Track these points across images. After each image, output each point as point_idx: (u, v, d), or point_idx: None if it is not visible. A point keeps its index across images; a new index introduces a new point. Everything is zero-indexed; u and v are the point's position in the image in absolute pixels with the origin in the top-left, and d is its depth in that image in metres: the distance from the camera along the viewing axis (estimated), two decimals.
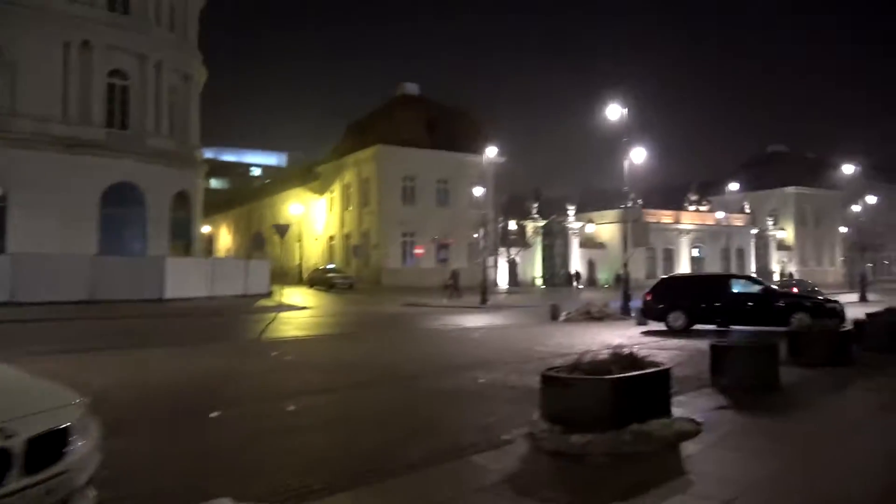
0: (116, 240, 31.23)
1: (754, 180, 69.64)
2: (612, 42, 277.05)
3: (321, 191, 53.98)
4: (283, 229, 42.92)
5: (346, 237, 49.07)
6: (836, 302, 15.07)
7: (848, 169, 37.01)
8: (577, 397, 5.36)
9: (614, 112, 23.44)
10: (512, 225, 50.65)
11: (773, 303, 15.02)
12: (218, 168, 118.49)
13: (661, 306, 16.14)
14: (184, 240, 35.76)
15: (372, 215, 45.88)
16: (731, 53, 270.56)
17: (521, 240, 51.21)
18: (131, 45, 31.90)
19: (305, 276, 46.02)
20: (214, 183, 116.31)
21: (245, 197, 79.02)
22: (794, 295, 15.74)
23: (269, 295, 34.66)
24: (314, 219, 55.11)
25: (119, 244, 31.11)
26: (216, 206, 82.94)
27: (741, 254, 61.08)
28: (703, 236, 56.67)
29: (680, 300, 15.92)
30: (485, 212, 45.09)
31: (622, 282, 24.31)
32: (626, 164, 23.51)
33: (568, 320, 20.56)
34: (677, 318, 15.71)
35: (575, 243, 53.53)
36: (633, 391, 5.48)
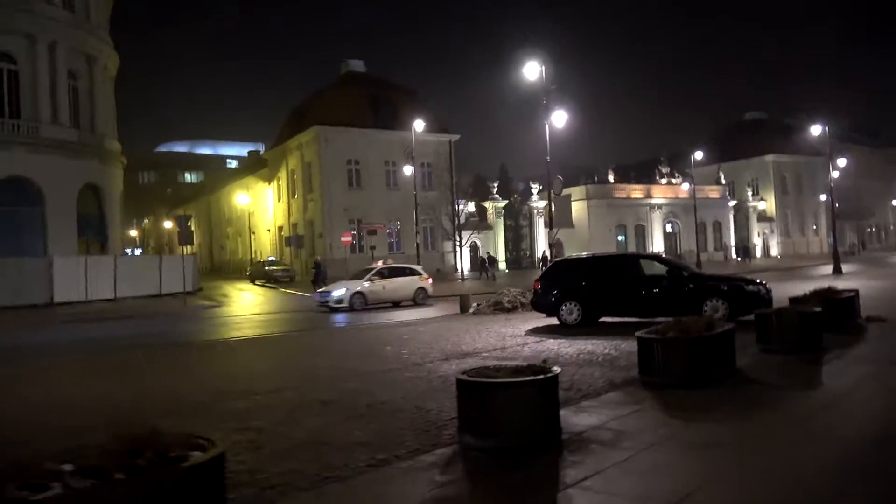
0: (13, 240, 28.33)
1: (733, 149, 66.68)
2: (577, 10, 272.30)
3: (269, 179, 51.02)
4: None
5: (294, 227, 46.16)
6: (759, 283, 12.21)
7: (816, 130, 33.97)
8: None
9: (531, 71, 20.47)
10: (471, 207, 47.86)
11: (682, 287, 12.23)
12: (192, 161, 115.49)
13: (551, 297, 13.32)
14: (98, 238, 32.93)
15: (316, 202, 42.93)
16: (702, 20, 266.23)
17: (481, 222, 48.45)
18: (17, 24, 28.80)
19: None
20: (189, 177, 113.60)
21: (210, 190, 76.08)
22: (710, 277, 12.82)
23: (194, 293, 32.03)
24: (265, 209, 52.22)
25: (16, 245, 28.20)
26: (186, 200, 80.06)
27: (718, 227, 58.20)
28: (677, 210, 53.75)
29: (573, 289, 13.09)
30: (435, 192, 42.45)
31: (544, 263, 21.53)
32: (546, 129, 20.58)
33: (477, 313, 17.87)
34: (571, 311, 12.91)
35: (540, 223, 50.62)
36: None
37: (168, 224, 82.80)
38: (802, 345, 8.30)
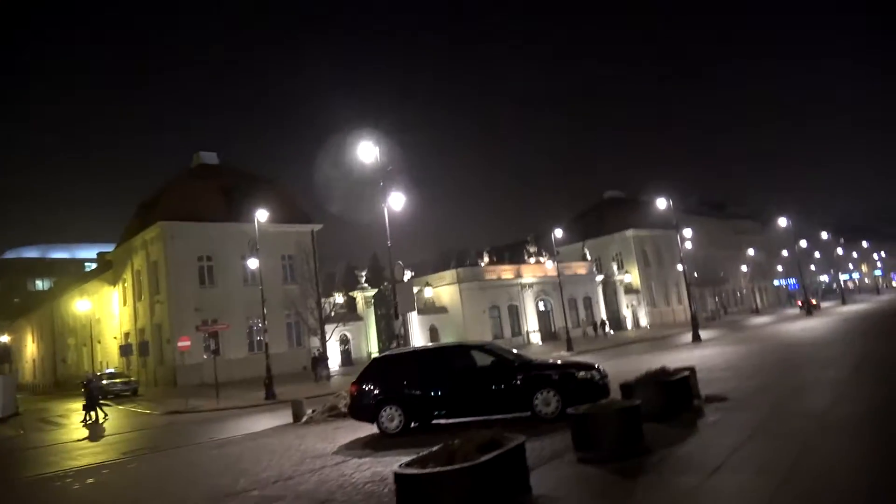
0: None
1: (598, 227, 69.53)
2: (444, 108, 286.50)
3: (114, 281, 46.51)
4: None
5: (141, 332, 41.80)
6: (594, 369, 11.00)
7: (662, 204, 35.37)
8: None
9: (367, 152, 19.37)
10: (339, 298, 45.70)
11: (511, 378, 10.81)
12: (44, 267, 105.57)
13: (370, 401, 11.49)
14: None
15: (163, 304, 39.16)
16: (559, 112, 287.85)
17: (350, 313, 46.29)
18: None
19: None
20: (40, 284, 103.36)
21: (53, 297, 68.91)
22: (539, 365, 11.47)
23: (4, 419, 27.50)
24: (111, 315, 47.30)
25: None
26: (33, 309, 71.86)
27: (589, 302, 59.30)
28: (548, 288, 54.22)
29: (393, 390, 11.37)
30: (299, 286, 40.03)
31: None
32: (385, 211, 19.35)
33: (309, 421, 15.65)
34: (392, 417, 11.12)
35: (413, 312, 49.13)
36: None
37: (3, 338, 73.94)
38: (623, 449, 6.94)
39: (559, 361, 12.48)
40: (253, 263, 32.37)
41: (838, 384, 11.46)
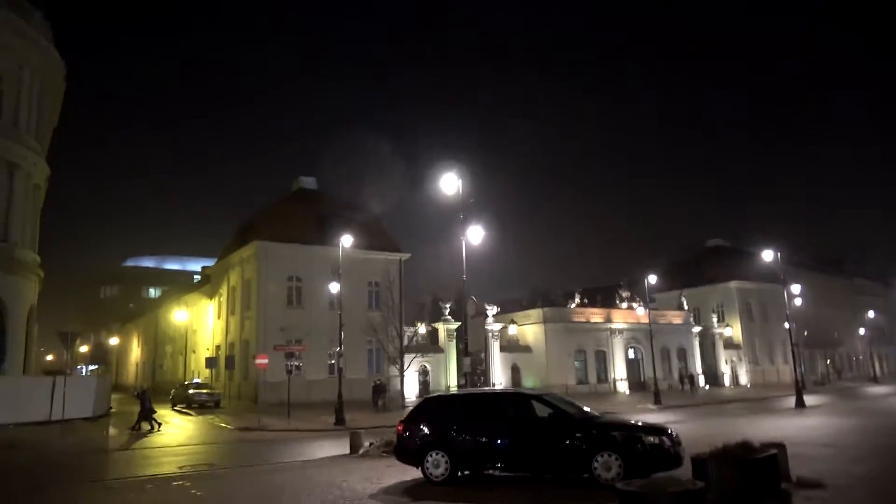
0: None
1: (698, 276, 65.94)
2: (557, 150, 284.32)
3: (211, 294, 48.55)
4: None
5: (231, 346, 43.20)
6: (665, 434, 9.78)
7: (769, 256, 32.75)
8: None
9: (449, 184, 18.95)
10: (422, 329, 45.47)
11: (568, 435, 9.79)
12: (158, 276, 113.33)
13: (416, 444, 10.77)
14: None
15: (252, 320, 40.31)
16: (668, 147, 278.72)
17: (431, 345, 45.87)
18: None
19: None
20: (153, 292, 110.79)
21: (158, 305, 73.14)
22: (603, 424, 10.24)
23: (94, 419, 28.76)
24: (206, 326, 49.32)
25: None
26: (140, 315, 76.73)
27: (683, 353, 55.94)
28: (639, 336, 51.66)
29: (441, 435, 10.59)
30: (381, 313, 40.10)
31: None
32: (462, 245, 18.77)
33: (364, 454, 15.16)
34: (437, 464, 10.34)
35: (495, 347, 48.14)
36: None
37: (114, 340, 78.99)
38: None
39: (631, 421, 11.12)
40: (335, 287, 32.56)
41: None
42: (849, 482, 9.66)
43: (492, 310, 48.94)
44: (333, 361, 42.25)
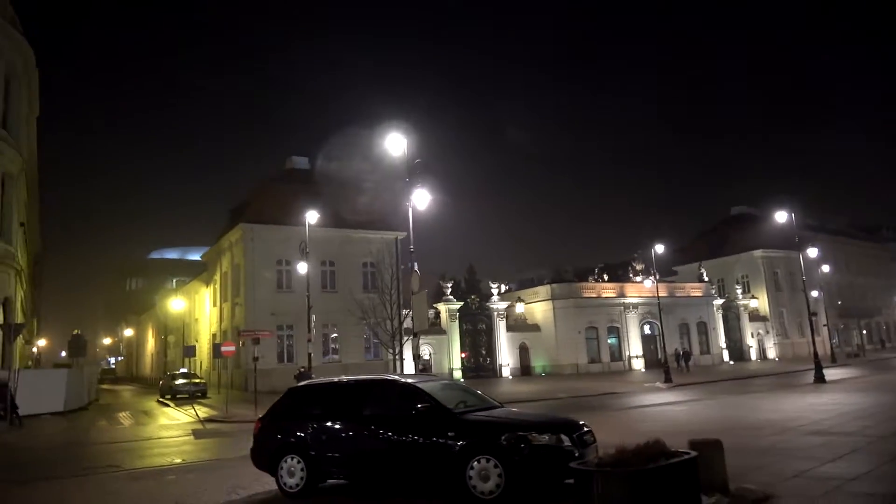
0: None
1: (721, 245, 62.62)
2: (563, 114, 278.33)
3: (208, 282, 47.37)
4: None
5: (224, 334, 41.93)
6: (569, 431, 7.51)
7: (782, 218, 29.91)
8: None
9: (395, 144, 16.85)
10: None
11: (442, 433, 7.66)
12: (180, 267, 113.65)
13: (271, 446, 8.82)
14: None
15: (242, 306, 38.90)
16: (696, 114, 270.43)
17: (431, 326, 43.95)
18: None
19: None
20: (176, 283, 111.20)
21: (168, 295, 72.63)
22: (484, 421, 7.84)
23: (65, 413, 27.73)
24: (205, 315, 48.24)
25: None
26: (155, 305, 76.64)
27: (703, 328, 53.03)
28: (655, 310, 48.94)
29: (300, 435, 8.62)
30: (376, 295, 38.26)
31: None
32: (409, 210, 16.73)
33: None
34: (292, 471, 8.34)
35: (501, 326, 46.04)
36: None
37: (128, 332, 79.03)
38: None
39: (533, 418, 8.44)
40: (302, 268, 30.88)
41: None
42: (816, 488, 7.39)
43: (496, 287, 46.82)
44: (328, 346, 40.79)
